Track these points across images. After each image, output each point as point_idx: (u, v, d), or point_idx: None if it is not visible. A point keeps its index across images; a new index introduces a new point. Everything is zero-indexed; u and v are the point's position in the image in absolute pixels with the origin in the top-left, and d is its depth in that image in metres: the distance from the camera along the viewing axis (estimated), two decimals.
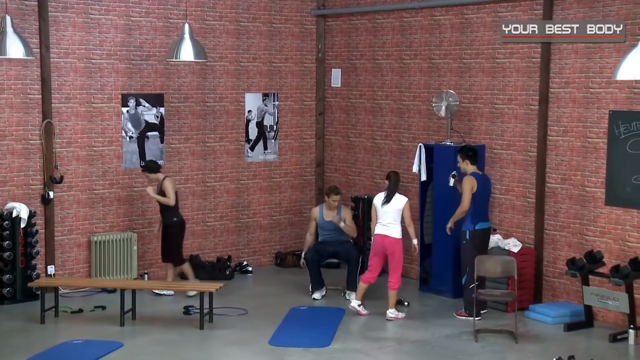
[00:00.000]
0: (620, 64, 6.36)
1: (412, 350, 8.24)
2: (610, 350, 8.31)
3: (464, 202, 9.30)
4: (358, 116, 12.31)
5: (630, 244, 9.07)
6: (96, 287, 10.17)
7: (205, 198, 12.00)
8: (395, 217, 9.34)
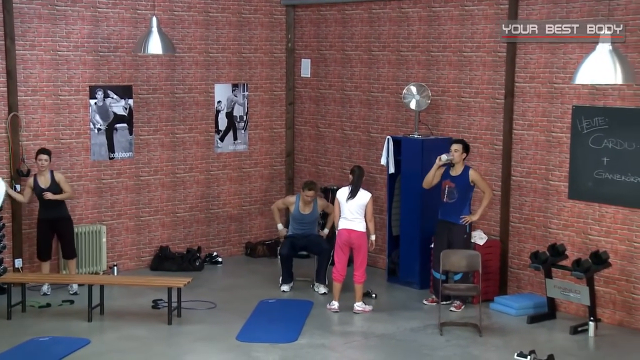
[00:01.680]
0: (579, 68, 6.44)
1: (377, 345, 8.34)
2: (571, 343, 8.47)
3: (490, 191, 9.39)
4: (327, 107, 12.35)
5: (592, 237, 9.22)
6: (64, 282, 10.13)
7: (174, 189, 12.01)
8: (360, 212, 9.41)
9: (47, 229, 10.10)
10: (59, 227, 10.15)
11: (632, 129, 8.71)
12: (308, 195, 10.41)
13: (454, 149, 9.39)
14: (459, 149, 9.37)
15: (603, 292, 9.13)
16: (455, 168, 9.47)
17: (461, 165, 9.47)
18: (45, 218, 10.06)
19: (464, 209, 9.52)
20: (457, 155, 9.38)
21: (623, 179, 8.86)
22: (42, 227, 10.11)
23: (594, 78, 6.29)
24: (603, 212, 9.12)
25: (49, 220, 10.05)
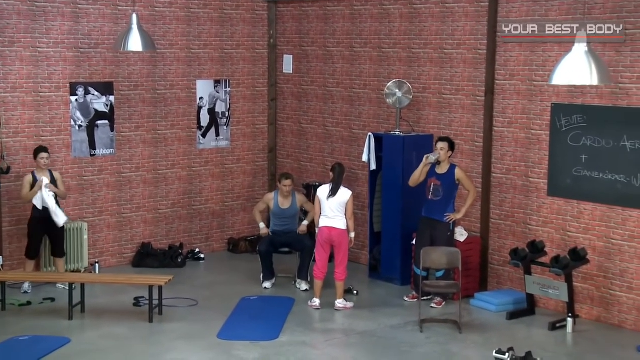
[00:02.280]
0: (555, 68, 6.48)
1: (357, 342, 8.38)
2: (549, 339, 8.54)
3: (474, 190, 9.47)
4: (310, 103, 12.36)
5: (571, 234, 9.30)
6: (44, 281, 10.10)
7: (156, 186, 11.99)
8: (340, 210, 9.44)
9: (40, 228, 10.04)
10: (53, 226, 10.07)
11: (610, 127, 8.78)
12: (285, 185, 10.44)
13: (440, 147, 9.43)
14: (445, 147, 9.42)
15: (581, 288, 9.21)
16: (441, 166, 9.52)
17: (447, 163, 9.51)
18: (40, 216, 9.98)
19: (448, 207, 9.57)
20: (444, 153, 9.43)
21: (601, 176, 8.93)
22: (36, 226, 10.03)
23: (570, 79, 6.33)
24: (582, 209, 9.19)
25: (44, 219, 9.97)
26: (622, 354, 8.11)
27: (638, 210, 8.68)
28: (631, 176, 8.68)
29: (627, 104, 8.70)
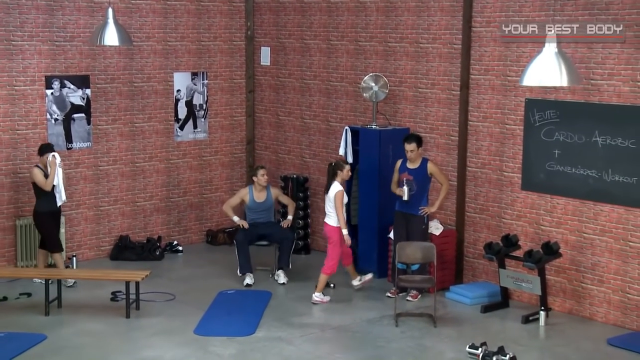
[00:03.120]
0: (526, 69, 6.55)
1: (333, 338, 8.46)
2: (522, 332, 8.66)
3: (447, 182, 9.57)
4: (287, 95, 12.38)
5: (544, 227, 9.41)
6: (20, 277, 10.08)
7: (134, 178, 11.99)
8: (332, 207, 9.52)
9: (51, 221, 10.05)
10: (57, 219, 10.14)
11: (582, 123, 8.88)
12: (263, 175, 10.43)
13: (409, 150, 9.50)
14: (414, 148, 9.48)
15: (554, 281, 9.33)
16: (414, 161, 9.58)
17: (419, 157, 9.58)
18: (49, 210, 9.98)
19: (422, 201, 9.65)
20: (414, 154, 9.48)
21: (573, 171, 9.03)
22: (47, 220, 10.01)
23: (540, 80, 6.40)
24: (554, 204, 9.30)
25: (52, 212, 10.02)
26: (592, 347, 8.24)
27: (609, 205, 8.79)
28: (602, 171, 8.79)
29: (598, 100, 8.80)
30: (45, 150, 10.03)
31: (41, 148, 10.11)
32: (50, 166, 9.85)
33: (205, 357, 7.89)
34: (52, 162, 9.83)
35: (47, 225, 10.01)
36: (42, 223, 10.00)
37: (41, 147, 10.12)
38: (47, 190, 9.87)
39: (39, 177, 9.85)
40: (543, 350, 8.13)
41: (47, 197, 9.92)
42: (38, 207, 9.99)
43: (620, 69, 8.59)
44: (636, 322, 8.68)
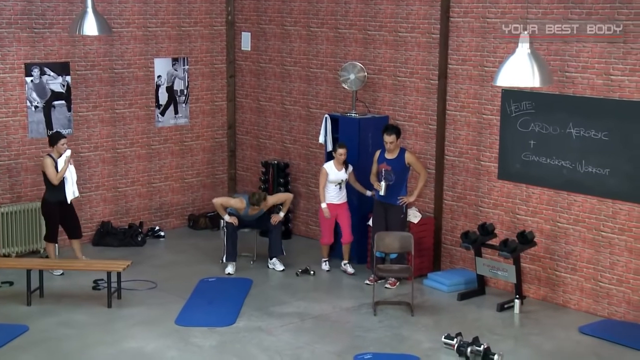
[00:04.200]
0: (499, 70, 6.64)
1: (312, 327, 8.60)
2: (497, 320, 8.85)
3: (425, 172, 9.71)
4: (268, 81, 12.42)
5: (520, 216, 9.58)
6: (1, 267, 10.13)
7: (115, 164, 12.05)
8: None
9: (57, 211, 10.10)
10: (68, 208, 10.17)
11: (557, 114, 9.00)
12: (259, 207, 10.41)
13: (388, 141, 9.60)
14: (393, 140, 9.59)
15: (529, 268, 9.52)
16: (392, 152, 9.69)
17: (397, 147, 9.69)
18: (57, 200, 10.04)
19: (401, 191, 9.78)
20: (393, 146, 9.60)
21: (548, 161, 9.18)
22: (53, 210, 10.07)
23: (513, 81, 6.50)
24: (530, 193, 9.45)
25: (60, 203, 10.06)
26: (564, 335, 8.44)
27: (582, 195, 8.96)
28: (576, 162, 8.94)
29: (572, 93, 8.92)
30: (56, 139, 10.08)
31: (51, 137, 10.18)
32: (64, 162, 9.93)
33: (186, 348, 8.02)
34: (67, 160, 9.94)
35: (51, 215, 10.11)
36: (47, 212, 10.12)
37: (51, 137, 10.20)
38: (54, 184, 9.93)
39: (50, 169, 9.94)
40: (517, 340, 8.32)
41: (57, 188, 10.00)
42: (48, 197, 10.09)
43: (594, 62, 8.71)
44: (607, 309, 8.89)
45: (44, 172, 10.00)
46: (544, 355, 7.90)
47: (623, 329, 8.48)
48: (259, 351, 7.92)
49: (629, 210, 8.60)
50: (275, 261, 10.56)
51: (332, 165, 10.15)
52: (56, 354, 7.90)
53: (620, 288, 8.74)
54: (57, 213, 10.10)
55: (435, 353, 7.88)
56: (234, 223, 10.39)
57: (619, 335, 8.26)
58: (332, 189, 10.23)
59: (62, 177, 9.96)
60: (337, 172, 10.16)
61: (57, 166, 9.97)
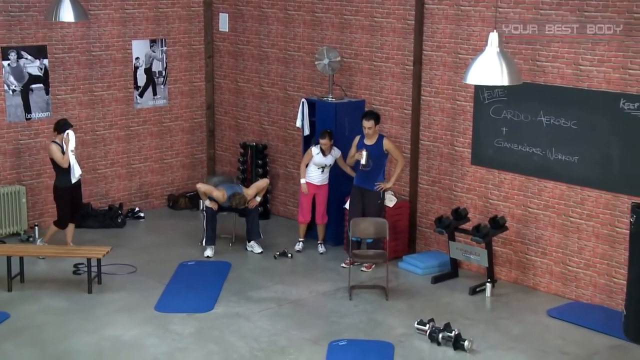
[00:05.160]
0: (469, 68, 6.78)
1: (289, 313, 8.80)
2: (469, 304, 9.09)
3: (402, 158, 9.87)
4: (246, 62, 12.49)
5: (492, 201, 9.79)
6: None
7: (95, 146, 12.13)
8: None
9: (69, 196, 10.24)
10: (77, 192, 10.34)
11: (528, 102, 9.17)
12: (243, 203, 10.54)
13: (367, 127, 9.74)
14: (371, 125, 9.73)
15: (501, 252, 9.76)
16: (370, 138, 9.85)
17: (375, 134, 9.85)
18: (68, 186, 10.18)
19: (378, 176, 9.95)
20: (371, 131, 9.74)
21: (520, 148, 9.37)
22: (64, 194, 10.21)
23: (482, 80, 6.66)
24: (502, 179, 9.66)
25: (70, 187, 10.21)
26: (533, 319, 8.70)
27: (552, 182, 9.17)
28: (546, 149, 9.14)
29: (543, 81, 9.09)
30: (63, 127, 10.18)
31: (58, 124, 10.25)
32: (65, 144, 10.01)
33: (166, 335, 8.20)
34: (66, 140, 10.01)
35: (63, 199, 10.24)
36: (59, 196, 10.25)
37: (58, 124, 10.26)
38: (64, 167, 10.06)
39: (58, 154, 10.06)
40: (487, 324, 8.57)
41: (66, 172, 10.13)
42: (58, 182, 10.23)
43: (564, 52, 8.87)
44: (575, 292, 9.16)
45: (52, 158, 10.13)
46: (512, 340, 8.16)
47: (589, 311, 8.76)
48: (236, 338, 8.12)
49: (597, 197, 8.83)
50: (253, 244, 10.74)
51: (319, 149, 10.28)
52: (38, 342, 8.05)
53: (588, 272, 9.01)
54: (69, 197, 10.25)
55: (408, 339, 8.11)
56: (213, 208, 10.53)
57: (585, 319, 8.54)
58: (315, 171, 10.41)
59: (68, 159, 10.08)
60: (323, 157, 10.32)
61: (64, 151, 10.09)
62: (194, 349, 7.86)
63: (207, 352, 7.80)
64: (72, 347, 7.95)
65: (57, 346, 7.97)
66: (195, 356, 7.71)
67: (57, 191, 10.25)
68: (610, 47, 8.47)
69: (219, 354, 7.76)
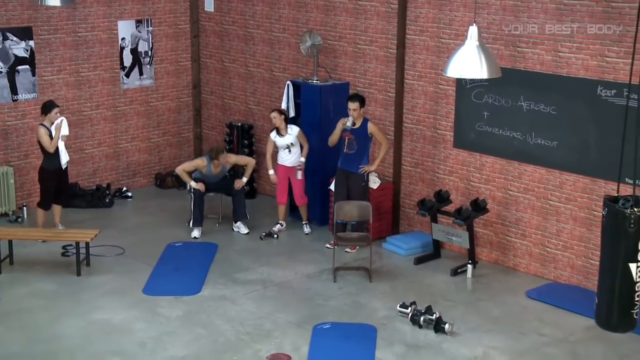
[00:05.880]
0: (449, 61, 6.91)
1: (274, 295, 8.99)
2: (450, 286, 9.32)
3: (386, 141, 10.01)
4: (231, 42, 12.56)
5: (473, 183, 9.98)
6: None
7: (82, 127, 12.23)
8: None
9: (54, 179, 10.32)
10: (63, 175, 10.41)
11: (509, 87, 9.32)
12: (224, 158, 10.70)
13: (352, 108, 9.87)
14: (356, 107, 9.86)
15: (482, 233, 9.97)
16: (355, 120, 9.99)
17: (360, 117, 9.98)
18: (54, 168, 10.24)
19: (363, 159, 10.11)
20: (356, 113, 9.88)
21: (500, 132, 9.54)
22: (50, 177, 10.28)
23: (462, 73, 6.80)
24: (483, 162, 9.84)
25: (57, 170, 10.28)
26: (512, 300, 8.93)
27: (532, 166, 9.36)
28: (526, 134, 9.31)
29: (524, 67, 9.23)
30: (49, 107, 10.23)
31: (44, 106, 10.30)
32: (55, 129, 10.08)
33: (154, 319, 8.38)
34: (57, 126, 10.07)
35: (47, 182, 10.32)
36: (44, 179, 10.33)
37: (44, 105, 10.32)
38: (50, 152, 10.13)
39: (45, 139, 10.12)
40: (468, 306, 8.79)
41: (53, 155, 10.21)
42: (44, 164, 10.30)
43: (544, 39, 9.00)
44: (553, 273, 9.40)
45: (39, 141, 10.17)
46: (492, 322, 8.39)
47: (567, 292, 9.00)
48: (223, 322, 8.32)
49: (575, 181, 9.03)
50: (239, 224, 10.91)
51: (276, 131, 10.51)
52: (27, 326, 8.20)
53: (565, 253, 9.24)
54: (54, 180, 10.32)
55: (390, 322, 8.33)
56: (201, 189, 10.66)
57: (562, 300, 8.78)
58: (283, 153, 10.65)
59: (56, 144, 10.14)
60: (282, 138, 10.50)
61: (52, 134, 10.13)
62: (181, 333, 8.05)
63: (194, 336, 7.99)
64: (62, 331, 8.11)
65: (48, 330, 8.12)
66: (182, 340, 7.90)
67: (44, 173, 10.34)
68: (588, 35, 8.60)
69: (206, 338, 7.96)
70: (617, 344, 7.72)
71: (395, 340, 7.95)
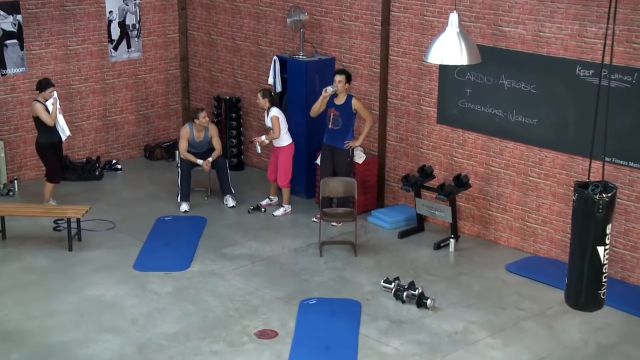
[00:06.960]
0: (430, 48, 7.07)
1: (262, 271, 9.23)
2: (433, 260, 9.58)
3: (371, 117, 10.18)
4: (218, 15, 12.64)
5: (456, 159, 10.20)
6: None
7: (71, 100, 12.35)
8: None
9: (52, 152, 10.55)
10: (59, 149, 10.64)
11: (490, 66, 9.48)
12: (204, 117, 10.88)
13: (337, 80, 10.04)
14: (342, 79, 10.02)
15: (464, 207, 10.22)
16: (339, 97, 10.15)
17: (344, 94, 10.15)
18: (50, 142, 10.48)
19: (347, 135, 10.30)
20: (341, 85, 10.04)
21: (482, 109, 9.73)
22: (48, 150, 10.51)
23: (443, 59, 6.96)
24: (466, 138, 10.05)
25: (53, 144, 10.52)
26: (492, 274, 9.21)
27: (513, 142, 9.58)
28: (507, 112, 9.51)
29: (505, 46, 9.39)
30: (45, 85, 10.38)
31: (40, 83, 10.45)
32: (52, 104, 10.26)
33: (144, 295, 8.63)
34: (55, 101, 10.28)
35: (48, 155, 10.55)
36: (44, 154, 10.55)
37: (40, 83, 10.46)
38: (50, 125, 10.33)
39: (44, 114, 10.31)
40: (449, 280, 9.06)
41: (48, 130, 10.40)
42: (40, 139, 10.51)
43: (524, 19, 9.15)
44: (533, 247, 9.69)
45: (35, 116, 10.37)
46: (472, 297, 8.67)
47: (545, 266, 9.29)
48: (212, 297, 8.57)
49: (554, 158, 9.26)
50: (227, 197, 11.13)
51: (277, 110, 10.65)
52: (21, 302, 8.42)
53: (545, 228, 9.51)
54: (53, 153, 10.55)
55: (374, 297, 8.60)
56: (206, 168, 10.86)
57: (540, 273, 9.07)
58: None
59: (55, 117, 10.34)
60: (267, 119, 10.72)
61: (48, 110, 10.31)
62: (171, 309, 8.29)
63: (184, 312, 8.24)
64: (55, 307, 8.34)
65: (41, 306, 8.34)
66: (173, 317, 8.15)
67: (42, 148, 10.54)
68: (567, 15, 8.76)
69: (195, 314, 8.21)
70: (592, 318, 8.02)
71: (379, 315, 8.22)
